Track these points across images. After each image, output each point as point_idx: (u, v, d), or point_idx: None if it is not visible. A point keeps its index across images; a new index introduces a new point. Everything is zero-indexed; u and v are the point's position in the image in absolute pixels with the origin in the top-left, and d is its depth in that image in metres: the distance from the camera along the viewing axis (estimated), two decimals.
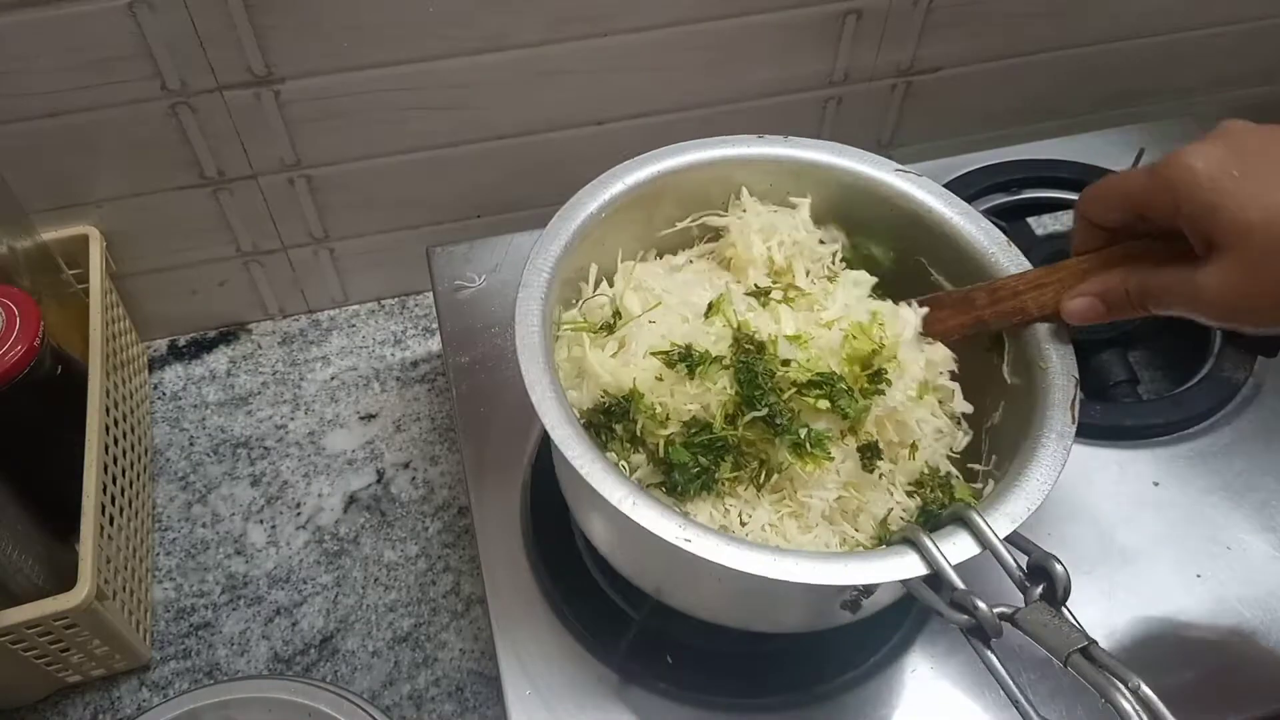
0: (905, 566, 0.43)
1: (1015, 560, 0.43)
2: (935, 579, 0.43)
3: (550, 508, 0.59)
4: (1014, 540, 0.44)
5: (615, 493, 0.44)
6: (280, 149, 0.71)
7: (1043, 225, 0.78)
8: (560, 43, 0.70)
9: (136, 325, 0.79)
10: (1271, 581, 0.59)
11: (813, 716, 0.55)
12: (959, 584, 0.42)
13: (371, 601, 0.67)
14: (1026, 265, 0.53)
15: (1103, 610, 0.58)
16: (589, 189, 0.56)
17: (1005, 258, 0.54)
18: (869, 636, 0.57)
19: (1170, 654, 0.57)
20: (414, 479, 0.73)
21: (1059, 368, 0.50)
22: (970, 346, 0.55)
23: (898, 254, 0.58)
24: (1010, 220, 0.74)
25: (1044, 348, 0.51)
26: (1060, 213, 0.79)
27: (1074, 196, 0.76)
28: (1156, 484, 0.63)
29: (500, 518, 0.62)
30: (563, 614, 0.58)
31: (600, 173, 0.57)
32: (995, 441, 0.53)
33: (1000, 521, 0.44)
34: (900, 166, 0.57)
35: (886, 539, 0.48)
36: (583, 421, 0.50)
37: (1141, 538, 0.61)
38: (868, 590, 0.45)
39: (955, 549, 0.43)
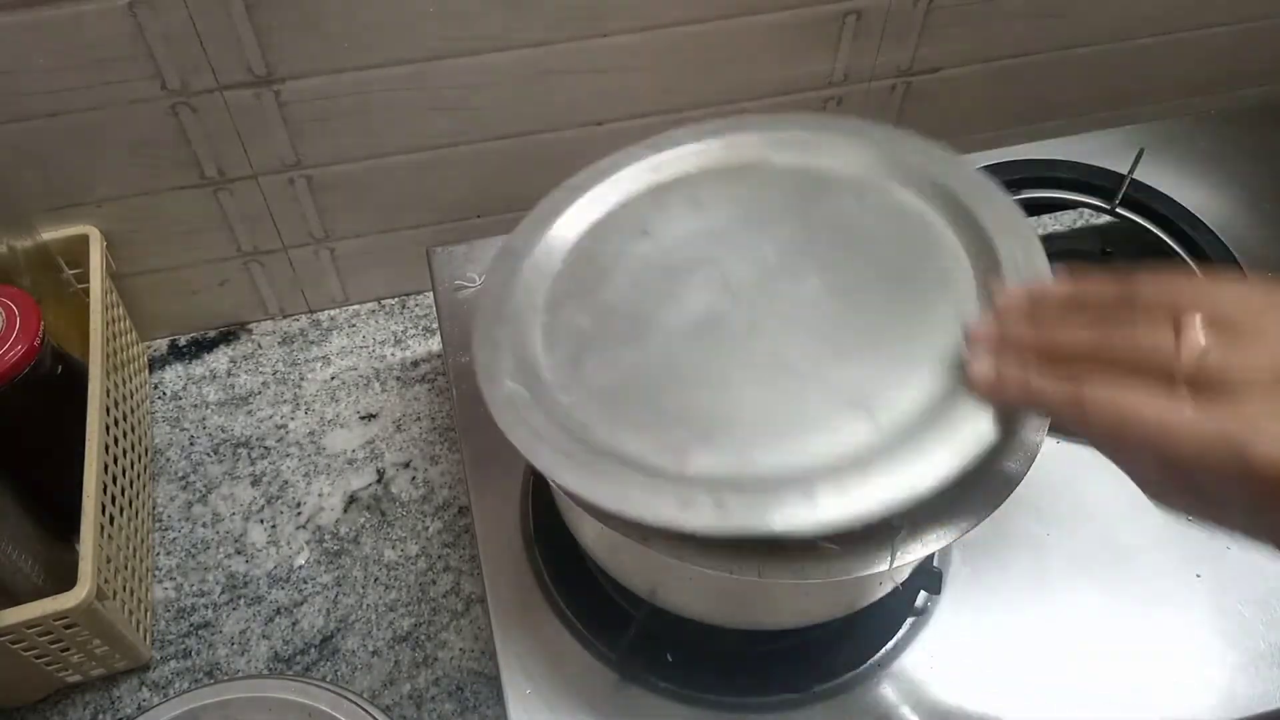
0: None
1: None
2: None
3: (550, 507, 0.59)
4: None
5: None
6: (280, 149, 0.71)
7: (1043, 225, 0.78)
8: (560, 43, 0.70)
9: (137, 325, 0.79)
10: (1271, 581, 0.59)
11: (813, 716, 0.55)
12: None
13: (371, 601, 0.67)
14: None
15: (1103, 610, 0.58)
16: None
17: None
18: (870, 636, 0.57)
19: (1170, 654, 0.57)
20: (414, 479, 0.73)
21: None
22: None
23: None
24: None
25: None
26: (1060, 212, 0.79)
27: (1074, 196, 0.76)
28: None
29: (500, 518, 0.62)
30: (563, 614, 0.58)
31: None
32: None
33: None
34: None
35: None
36: None
37: (1141, 538, 0.61)
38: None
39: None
